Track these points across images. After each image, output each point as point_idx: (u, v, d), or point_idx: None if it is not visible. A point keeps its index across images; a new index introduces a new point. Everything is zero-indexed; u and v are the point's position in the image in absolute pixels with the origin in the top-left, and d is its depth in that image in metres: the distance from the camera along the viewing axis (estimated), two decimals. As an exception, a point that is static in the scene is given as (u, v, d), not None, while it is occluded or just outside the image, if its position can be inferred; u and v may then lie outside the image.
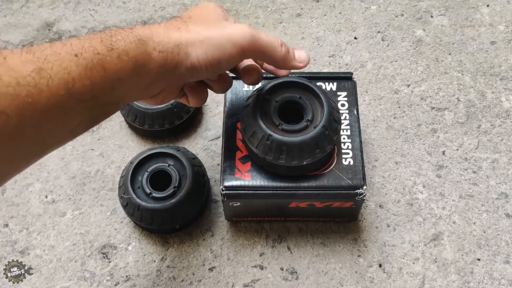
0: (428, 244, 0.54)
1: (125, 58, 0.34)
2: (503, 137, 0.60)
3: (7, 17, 0.73)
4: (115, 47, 0.34)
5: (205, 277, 0.53)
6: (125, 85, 0.35)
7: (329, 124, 0.45)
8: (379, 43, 0.69)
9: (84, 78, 0.32)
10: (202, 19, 0.40)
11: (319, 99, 0.47)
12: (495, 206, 0.56)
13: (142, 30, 0.36)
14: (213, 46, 0.38)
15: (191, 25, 0.38)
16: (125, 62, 0.34)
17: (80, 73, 0.32)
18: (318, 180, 0.47)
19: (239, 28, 0.39)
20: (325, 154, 0.46)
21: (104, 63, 0.33)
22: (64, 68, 0.31)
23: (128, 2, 0.74)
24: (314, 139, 0.45)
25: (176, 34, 0.37)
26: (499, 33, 0.69)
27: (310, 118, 0.46)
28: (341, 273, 0.53)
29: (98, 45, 0.33)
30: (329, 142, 0.46)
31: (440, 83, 0.65)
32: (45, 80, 0.31)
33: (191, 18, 0.40)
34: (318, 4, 0.73)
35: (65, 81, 0.31)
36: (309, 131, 0.45)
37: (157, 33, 0.36)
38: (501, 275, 0.52)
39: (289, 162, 0.45)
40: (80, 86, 0.32)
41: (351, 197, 0.48)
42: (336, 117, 0.46)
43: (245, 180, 0.48)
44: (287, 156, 0.45)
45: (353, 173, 0.48)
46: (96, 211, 0.57)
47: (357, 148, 0.49)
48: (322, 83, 0.52)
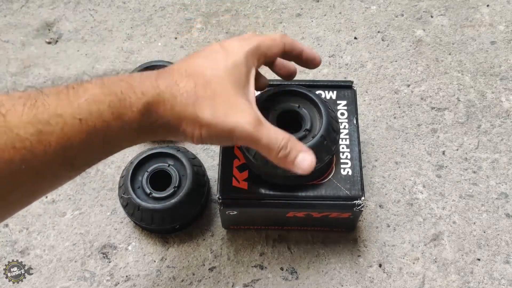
0: (428, 244, 0.54)
1: (128, 128, 0.33)
2: (503, 137, 0.60)
3: (7, 17, 0.73)
4: (122, 117, 0.32)
5: (205, 277, 0.53)
6: (122, 148, 0.35)
7: (327, 134, 0.44)
8: (379, 43, 0.69)
9: (85, 145, 0.31)
10: (213, 88, 0.36)
11: (318, 108, 0.46)
12: (495, 206, 0.56)
13: (150, 96, 0.34)
14: (211, 135, 0.36)
15: (198, 102, 0.35)
16: (128, 133, 0.33)
17: (81, 139, 0.31)
18: (316, 190, 0.47)
19: (245, 118, 0.36)
20: (323, 164, 0.45)
21: (108, 131, 0.32)
22: (65, 134, 0.30)
23: (128, 2, 0.74)
24: (313, 149, 0.43)
25: (182, 110, 0.35)
26: (499, 33, 0.69)
27: (308, 127, 0.45)
28: (341, 273, 0.53)
29: (106, 110, 0.31)
30: (327, 152, 0.45)
31: (440, 83, 0.65)
32: (43, 146, 0.29)
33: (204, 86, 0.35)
34: (318, 4, 0.73)
35: (63, 148, 0.30)
36: (307, 141, 0.44)
37: (163, 103, 0.34)
38: (501, 275, 0.52)
39: (287, 171, 0.45)
40: (78, 152, 0.31)
41: (348, 208, 0.47)
42: (335, 127, 0.46)
43: (242, 189, 0.47)
44: None
45: (352, 184, 0.47)
46: (96, 211, 0.57)
47: (356, 158, 0.49)
48: (322, 92, 0.52)
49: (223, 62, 0.37)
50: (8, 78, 0.67)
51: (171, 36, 0.71)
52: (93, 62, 0.69)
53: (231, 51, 0.38)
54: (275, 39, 0.42)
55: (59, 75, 0.67)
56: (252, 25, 0.72)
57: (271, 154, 0.38)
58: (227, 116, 0.35)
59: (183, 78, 0.35)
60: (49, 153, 0.29)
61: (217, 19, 0.72)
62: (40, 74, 0.68)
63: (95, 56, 0.69)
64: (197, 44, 0.70)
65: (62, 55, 0.69)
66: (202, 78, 0.36)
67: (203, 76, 0.36)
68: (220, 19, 0.72)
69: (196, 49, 0.69)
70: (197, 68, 0.36)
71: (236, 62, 0.38)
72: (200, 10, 0.73)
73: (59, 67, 0.68)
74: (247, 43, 0.40)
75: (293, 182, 0.47)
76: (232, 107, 0.36)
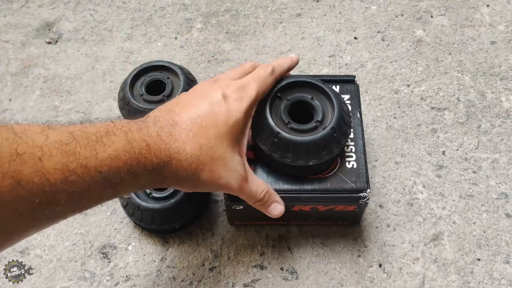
0: (428, 244, 0.54)
1: (136, 183, 0.37)
2: (503, 137, 0.60)
3: (7, 17, 0.73)
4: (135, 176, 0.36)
5: (205, 277, 0.53)
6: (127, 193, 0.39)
7: (338, 126, 0.45)
8: (379, 43, 0.69)
9: (98, 193, 0.35)
10: (213, 152, 0.41)
11: (331, 101, 0.46)
12: (495, 206, 0.56)
13: (161, 160, 0.38)
14: (204, 189, 0.42)
15: (200, 168, 0.40)
16: (136, 186, 0.38)
17: (98, 189, 0.34)
18: (322, 183, 0.47)
19: (234, 178, 0.42)
20: (332, 156, 0.45)
21: (121, 183, 0.35)
22: (86, 182, 0.33)
23: (128, 2, 0.74)
24: (322, 140, 0.44)
25: (184, 173, 0.40)
26: (499, 33, 0.69)
27: (320, 119, 0.46)
28: (341, 273, 0.53)
29: (123, 168, 0.35)
30: (337, 144, 0.45)
31: (440, 83, 0.65)
32: (66, 194, 0.32)
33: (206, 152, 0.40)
34: (318, 4, 0.73)
35: (81, 196, 0.33)
36: (318, 132, 0.45)
37: (170, 166, 0.39)
38: (501, 275, 0.52)
39: (295, 161, 0.45)
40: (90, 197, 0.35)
41: (354, 200, 0.47)
42: (346, 120, 0.46)
43: None
44: (293, 155, 0.45)
45: (357, 176, 0.48)
46: (96, 211, 0.57)
47: (361, 151, 0.49)
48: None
49: (225, 122, 0.42)
50: (8, 78, 0.67)
51: (171, 36, 0.71)
52: (93, 62, 0.69)
53: (233, 108, 0.42)
54: (267, 76, 0.46)
55: (59, 75, 0.67)
56: (252, 25, 0.72)
57: (251, 203, 0.45)
58: (221, 177, 0.41)
59: (190, 139, 0.40)
60: (70, 199, 0.32)
61: (217, 19, 0.72)
62: (40, 74, 0.68)
63: (95, 56, 0.69)
64: (197, 44, 0.70)
65: (62, 55, 0.69)
66: (205, 139, 0.40)
67: (207, 137, 0.41)
68: (220, 19, 0.72)
69: (196, 49, 0.69)
70: (202, 127, 0.41)
71: (237, 120, 0.42)
72: (200, 10, 0.73)
73: (59, 67, 0.68)
74: (247, 95, 0.44)
75: (301, 172, 0.47)
76: (226, 168, 0.41)
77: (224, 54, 0.69)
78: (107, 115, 0.64)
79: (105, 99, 0.65)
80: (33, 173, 0.30)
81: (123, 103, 0.54)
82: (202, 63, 0.68)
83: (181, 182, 0.41)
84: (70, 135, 0.33)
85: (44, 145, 0.31)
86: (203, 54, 0.69)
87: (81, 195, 0.33)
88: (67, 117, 0.64)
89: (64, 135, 0.33)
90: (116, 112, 0.62)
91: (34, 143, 0.31)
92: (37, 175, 0.30)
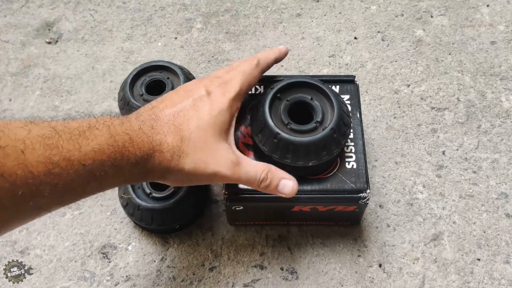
0: (428, 244, 0.54)
1: (121, 176, 0.37)
2: (503, 137, 0.60)
3: (7, 17, 0.73)
4: (119, 168, 0.36)
5: (205, 277, 0.53)
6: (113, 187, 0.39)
7: (338, 127, 0.45)
8: (379, 43, 0.69)
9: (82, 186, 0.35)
10: (196, 141, 0.41)
11: (331, 101, 0.46)
12: (495, 206, 0.56)
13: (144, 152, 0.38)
14: (192, 181, 0.42)
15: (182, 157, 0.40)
16: (121, 179, 0.38)
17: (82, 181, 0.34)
18: (322, 183, 0.47)
19: (223, 165, 0.41)
20: (332, 157, 0.45)
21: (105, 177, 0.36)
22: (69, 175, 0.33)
23: (128, 2, 0.74)
24: (322, 141, 0.44)
25: (167, 165, 0.39)
26: (499, 33, 0.69)
27: (319, 119, 0.46)
28: (341, 273, 0.53)
29: (106, 161, 0.35)
30: (336, 145, 0.45)
31: (440, 83, 0.65)
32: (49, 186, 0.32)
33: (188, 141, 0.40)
34: (318, 4, 0.73)
35: (65, 188, 0.33)
36: (318, 133, 0.45)
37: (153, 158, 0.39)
38: (501, 275, 0.52)
39: (295, 162, 0.45)
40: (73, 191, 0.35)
41: (354, 200, 0.47)
42: (346, 121, 0.46)
43: None
44: (293, 156, 0.45)
45: (357, 177, 0.47)
46: (96, 211, 0.57)
47: (360, 151, 0.49)
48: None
49: (208, 113, 0.42)
50: (8, 78, 0.67)
51: (171, 36, 0.71)
52: (93, 62, 0.69)
53: (216, 101, 0.43)
54: (252, 69, 0.46)
55: (59, 75, 0.67)
56: (252, 25, 0.72)
57: (253, 187, 0.44)
58: (207, 165, 0.41)
59: (171, 132, 0.40)
60: (54, 192, 0.33)
61: (217, 19, 0.72)
62: (40, 74, 0.68)
63: (95, 56, 0.69)
64: (197, 44, 0.70)
65: (62, 55, 0.69)
66: (187, 131, 0.41)
67: (189, 129, 0.41)
68: (220, 19, 0.72)
69: (196, 49, 0.69)
70: (184, 120, 0.41)
71: (221, 111, 0.42)
72: (200, 10, 0.73)
73: (59, 67, 0.68)
74: (230, 89, 0.44)
75: (301, 173, 0.47)
76: (212, 156, 0.41)
77: (224, 54, 0.69)
78: (107, 115, 0.64)
79: (105, 99, 0.65)
80: (16, 166, 0.30)
81: (123, 103, 0.54)
82: (202, 63, 0.68)
83: (165, 175, 0.40)
84: (52, 129, 0.33)
85: (27, 138, 0.31)
86: (203, 54, 0.69)
87: (64, 187, 0.33)
88: (67, 117, 0.64)
89: (46, 130, 0.33)
90: (116, 112, 0.62)
91: (16, 137, 0.31)
92: (20, 168, 0.30)
